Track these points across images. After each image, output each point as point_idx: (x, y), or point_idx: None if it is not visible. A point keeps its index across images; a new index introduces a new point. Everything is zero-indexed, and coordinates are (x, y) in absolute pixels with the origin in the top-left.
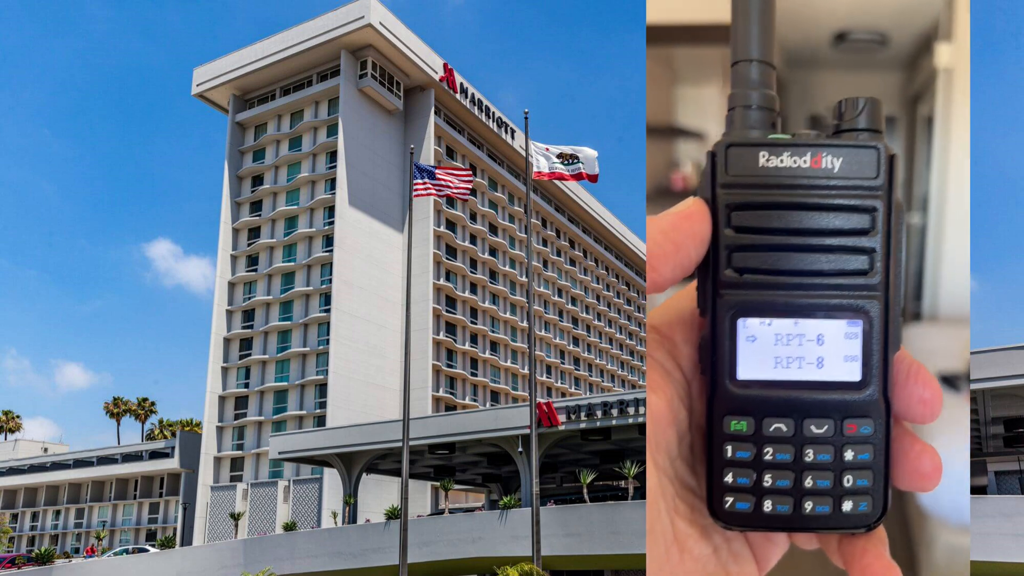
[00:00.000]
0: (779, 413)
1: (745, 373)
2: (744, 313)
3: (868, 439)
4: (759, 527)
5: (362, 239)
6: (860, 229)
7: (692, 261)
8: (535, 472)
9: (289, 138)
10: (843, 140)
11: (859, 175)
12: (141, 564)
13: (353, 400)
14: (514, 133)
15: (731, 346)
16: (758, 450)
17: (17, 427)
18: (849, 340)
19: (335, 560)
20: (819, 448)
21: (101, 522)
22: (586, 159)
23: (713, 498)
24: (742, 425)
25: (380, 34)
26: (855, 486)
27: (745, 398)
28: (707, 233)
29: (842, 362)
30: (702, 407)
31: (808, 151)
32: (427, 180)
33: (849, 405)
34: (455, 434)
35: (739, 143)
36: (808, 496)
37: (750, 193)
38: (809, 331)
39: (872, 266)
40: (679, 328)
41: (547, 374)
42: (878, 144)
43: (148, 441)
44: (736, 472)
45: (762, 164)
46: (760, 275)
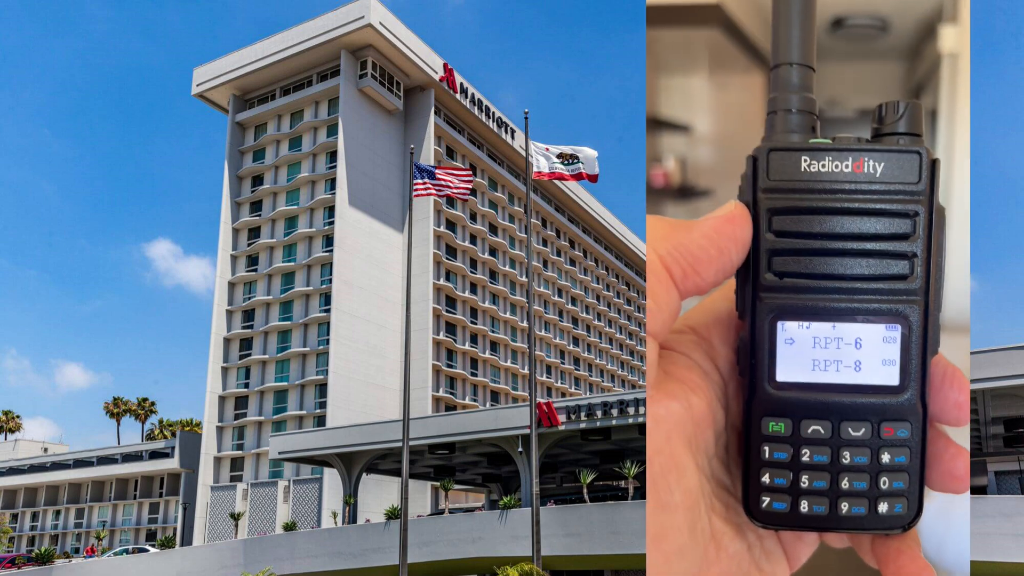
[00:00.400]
0: (817, 415)
1: (783, 375)
2: (783, 316)
3: (905, 442)
4: (795, 527)
5: (362, 239)
6: (901, 234)
7: (734, 265)
8: (535, 472)
9: (289, 138)
10: (885, 144)
11: (901, 180)
12: (141, 564)
13: (353, 400)
14: (514, 133)
15: (770, 348)
16: (795, 451)
17: (17, 427)
18: (887, 344)
19: (335, 560)
20: (856, 450)
21: (101, 522)
22: (586, 159)
23: (750, 498)
24: (780, 426)
25: (380, 34)
26: (891, 488)
27: (783, 400)
28: (748, 237)
29: (880, 366)
30: (738, 408)
31: (850, 156)
32: (427, 180)
33: (886, 408)
34: (455, 434)
35: (781, 147)
36: (844, 497)
37: (792, 198)
38: (847, 335)
39: (912, 271)
40: (716, 329)
41: (547, 374)
42: (920, 149)
43: (148, 441)
44: (773, 472)
45: (804, 168)
46: (800, 279)
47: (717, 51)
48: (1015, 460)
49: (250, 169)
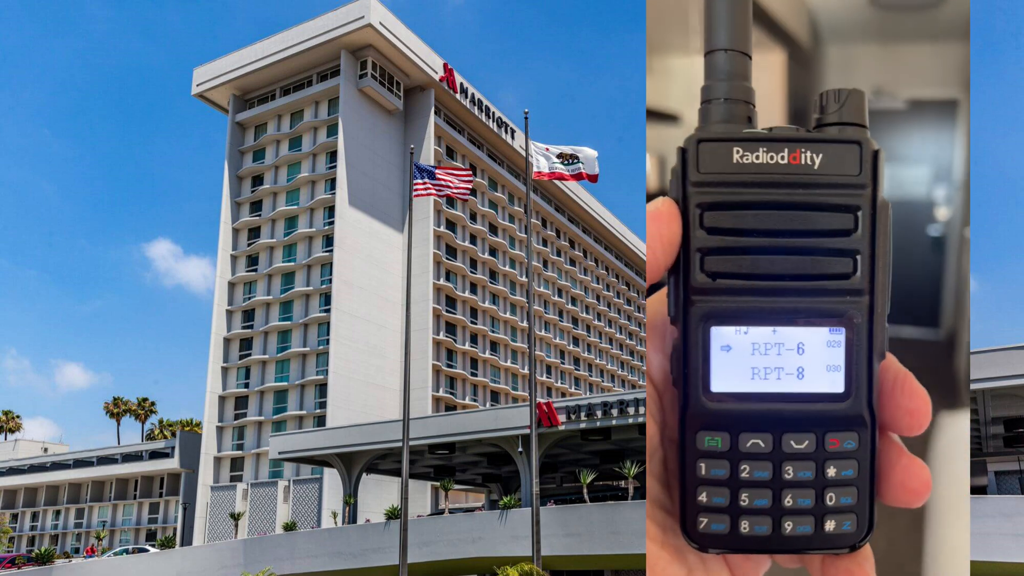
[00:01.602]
0: (756, 428)
1: (719, 385)
2: (718, 321)
3: (852, 454)
4: (736, 549)
5: (362, 239)
6: (842, 229)
7: (661, 266)
8: (535, 472)
9: (289, 138)
10: (824, 135)
11: (841, 172)
12: (141, 564)
13: (353, 400)
14: (514, 133)
15: (704, 356)
16: (734, 467)
17: (17, 427)
18: (831, 349)
19: (335, 560)
20: (799, 464)
21: (101, 522)
22: (586, 159)
23: (687, 518)
24: (716, 441)
25: (380, 34)
26: (838, 504)
27: (720, 412)
28: (676, 235)
29: (824, 372)
30: (675, 420)
31: (785, 146)
32: (427, 180)
33: (831, 418)
34: (455, 434)
35: (711, 138)
36: (788, 515)
37: (723, 192)
38: (788, 340)
39: (855, 269)
40: (651, 336)
41: (547, 374)
42: (860, 138)
43: (148, 441)
44: (711, 491)
45: (736, 160)
46: (735, 280)
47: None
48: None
49: (250, 169)
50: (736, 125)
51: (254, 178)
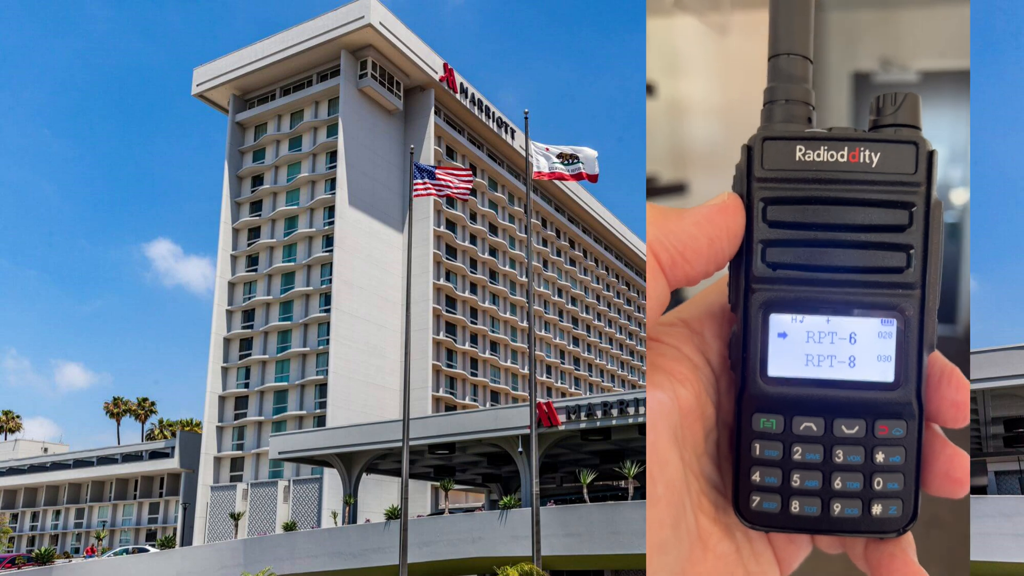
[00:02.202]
0: (809, 412)
1: (775, 370)
2: (776, 309)
3: (900, 441)
4: (785, 528)
5: (362, 239)
6: (897, 225)
7: (725, 256)
8: (535, 472)
9: (289, 138)
10: (882, 135)
11: (897, 170)
12: (141, 564)
13: (353, 400)
14: (514, 133)
15: (762, 342)
16: (787, 449)
17: (17, 427)
18: (883, 339)
19: (335, 560)
20: (849, 449)
21: (101, 522)
22: (586, 159)
23: (739, 497)
24: (771, 423)
25: (380, 34)
26: (885, 489)
27: (775, 395)
28: (741, 228)
29: (875, 362)
30: (730, 404)
31: (845, 145)
32: (427, 180)
33: (881, 406)
34: (455, 434)
35: (775, 136)
36: (837, 498)
37: (786, 187)
38: (841, 329)
39: (909, 263)
40: (709, 323)
41: (547, 374)
42: (916, 139)
43: (148, 441)
44: (764, 471)
45: (799, 158)
46: (793, 271)
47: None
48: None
49: (250, 169)
50: (798, 125)
51: (254, 178)
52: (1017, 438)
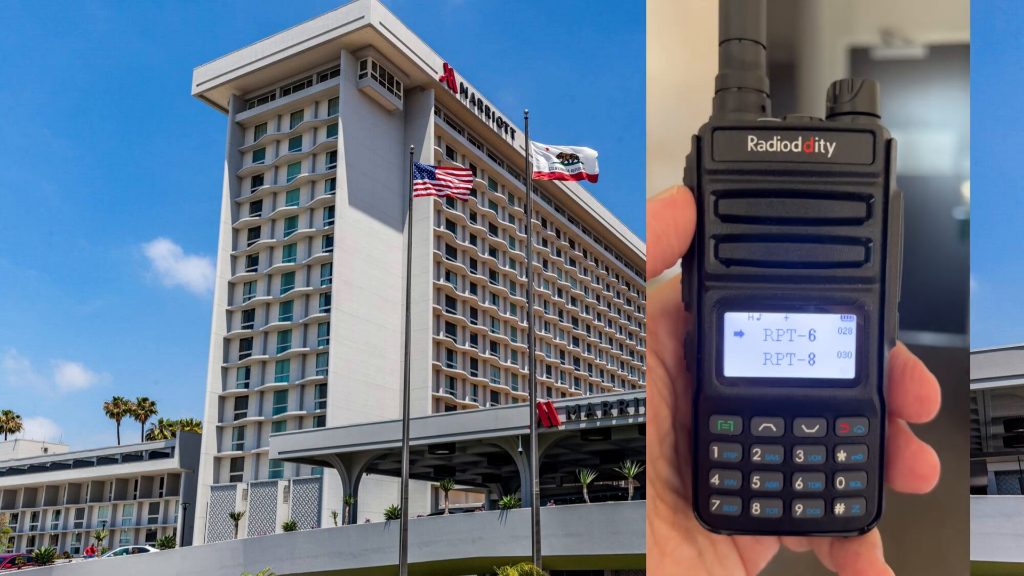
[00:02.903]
0: (768, 412)
1: (732, 370)
2: (731, 307)
3: (862, 439)
4: (747, 531)
5: (362, 239)
6: (855, 218)
7: (675, 252)
8: (535, 472)
9: (289, 138)
10: (838, 124)
11: (854, 160)
12: (141, 564)
13: (353, 400)
14: (514, 133)
15: (717, 342)
16: (746, 451)
17: (17, 427)
18: (842, 335)
19: (335, 560)
20: (810, 449)
21: (101, 522)
22: (586, 159)
23: (699, 500)
24: (729, 425)
25: (380, 34)
26: (848, 488)
27: (732, 396)
28: (691, 222)
29: (835, 358)
30: (687, 405)
31: (799, 135)
32: (427, 180)
33: (842, 403)
34: (455, 434)
35: (726, 126)
36: (799, 498)
37: (737, 179)
38: (800, 326)
39: (867, 257)
40: (663, 321)
41: (547, 374)
42: (874, 128)
43: (148, 441)
44: (723, 474)
45: (751, 149)
46: (748, 267)
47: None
48: (1015, 460)
49: (250, 169)
50: (750, 114)
51: (254, 178)
52: (1017, 438)
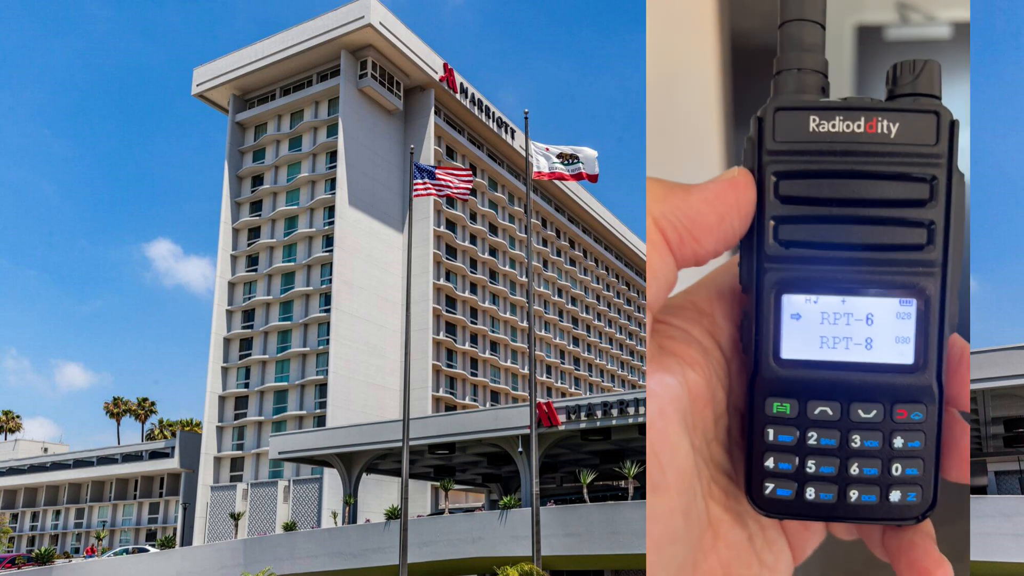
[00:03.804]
0: (824, 396)
1: (789, 353)
2: (789, 289)
3: (919, 426)
4: (800, 516)
5: (362, 239)
6: (917, 200)
7: (736, 234)
8: (535, 472)
9: (289, 138)
10: (900, 104)
11: (918, 141)
12: (141, 564)
13: (353, 400)
14: (514, 133)
15: (775, 324)
16: (801, 434)
17: (17, 427)
18: (901, 320)
19: (335, 560)
20: (867, 434)
21: (101, 522)
22: (586, 159)
23: (752, 484)
24: (785, 407)
25: (380, 34)
26: (904, 475)
27: (788, 379)
28: (752, 204)
29: (893, 343)
30: (741, 388)
31: (862, 115)
32: (427, 180)
33: (899, 389)
34: (455, 434)
35: (787, 106)
36: (854, 484)
37: (799, 160)
38: (858, 310)
39: (930, 240)
40: (719, 304)
41: (547, 374)
42: (938, 108)
43: (148, 441)
44: (778, 457)
45: (812, 129)
46: (807, 249)
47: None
48: (1015, 460)
49: (250, 169)
50: (811, 95)
51: (254, 178)
52: (1017, 438)
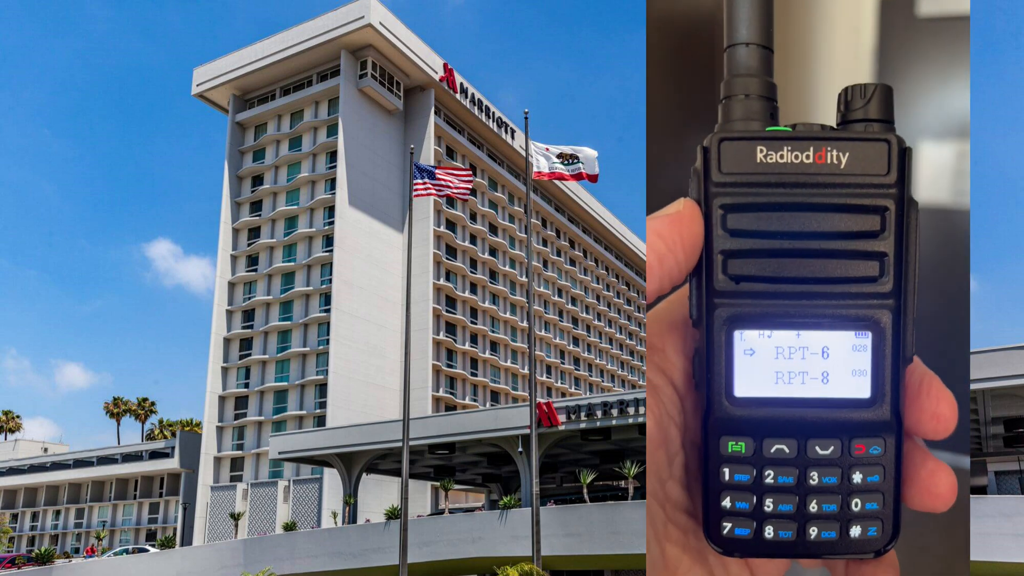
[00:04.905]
0: (781, 433)
1: (743, 390)
2: (741, 324)
3: (878, 460)
4: (760, 554)
5: (362, 239)
6: (869, 231)
7: (681, 270)
8: (535, 472)
9: (289, 138)
10: (851, 132)
11: (868, 171)
12: (141, 564)
13: (353, 400)
14: (514, 133)
15: (727, 361)
16: (758, 473)
17: (17, 427)
18: (857, 353)
19: (335, 560)
20: (825, 470)
21: (101, 522)
22: (586, 159)
23: (710, 523)
24: (740, 446)
25: (380, 34)
26: (863, 510)
27: (743, 417)
28: (699, 237)
29: (849, 377)
30: (697, 423)
31: (811, 145)
32: (427, 180)
33: (857, 424)
34: (455, 434)
35: (733, 136)
36: (813, 521)
37: (746, 192)
38: (813, 343)
39: (883, 272)
40: (670, 337)
41: (547, 374)
42: (888, 137)
43: (148, 441)
44: (735, 496)
45: (760, 160)
46: (758, 283)
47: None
48: (1015, 460)
49: (250, 169)
50: (758, 123)
51: (254, 178)
52: (1017, 438)
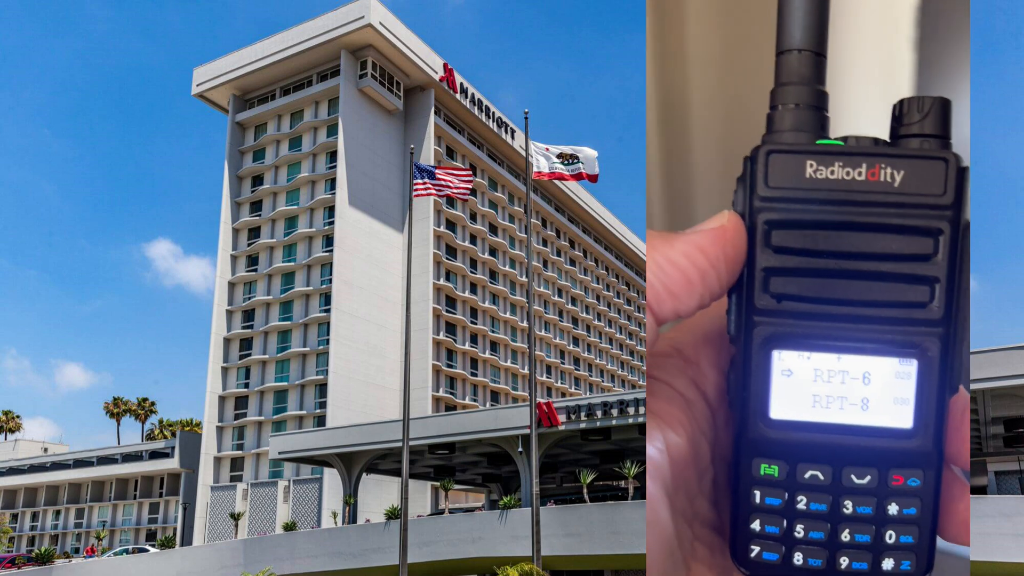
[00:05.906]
0: (815, 459)
1: (778, 412)
2: (780, 344)
3: (916, 492)
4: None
5: (362, 239)
6: (921, 254)
7: (722, 285)
8: (535, 472)
9: (289, 138)
10: (906, 149)
11: (923, 191)
12: (141, 564)
13: (353, 400)
14: (514, 133)
15: (763, 381)
16: (790, 497)
17: (17, 427)
18: (900, 380)
19: (335, 560)
20: (859, 500)
21: (101, 522)
22: (586, 159)
23: (737, 545)
24: (773, 469)
25: (380, 34)
26: (898, 543)
27: (777, 440)
28: (742, 252)
29: (891, 405)
30: (728, 438)
31: (864, 161)
32: (427, 180)
33: (896, 454)
34: (455, 434)
35: (782, 149)
36: (844, 551)
37: (794, 208)
38: (853, 368)
39: (933, 297)
40: (705, 350)
41: (547, 374)
42: (947, 155)
43: (148, 441)
44: (764, 519)
45: (809, 175)
46: (801, 303)
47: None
48: (1015, 460)
49: (250, 169)
50: (808, 134)
51: (254, 178)
52: (1017, 438)
